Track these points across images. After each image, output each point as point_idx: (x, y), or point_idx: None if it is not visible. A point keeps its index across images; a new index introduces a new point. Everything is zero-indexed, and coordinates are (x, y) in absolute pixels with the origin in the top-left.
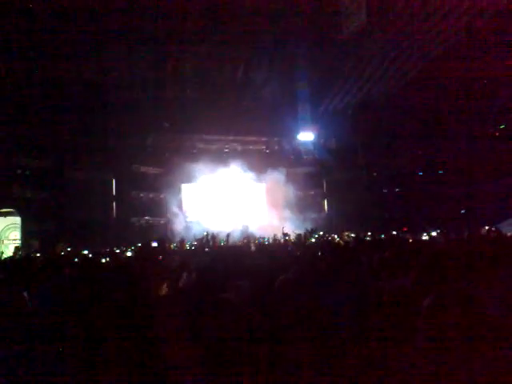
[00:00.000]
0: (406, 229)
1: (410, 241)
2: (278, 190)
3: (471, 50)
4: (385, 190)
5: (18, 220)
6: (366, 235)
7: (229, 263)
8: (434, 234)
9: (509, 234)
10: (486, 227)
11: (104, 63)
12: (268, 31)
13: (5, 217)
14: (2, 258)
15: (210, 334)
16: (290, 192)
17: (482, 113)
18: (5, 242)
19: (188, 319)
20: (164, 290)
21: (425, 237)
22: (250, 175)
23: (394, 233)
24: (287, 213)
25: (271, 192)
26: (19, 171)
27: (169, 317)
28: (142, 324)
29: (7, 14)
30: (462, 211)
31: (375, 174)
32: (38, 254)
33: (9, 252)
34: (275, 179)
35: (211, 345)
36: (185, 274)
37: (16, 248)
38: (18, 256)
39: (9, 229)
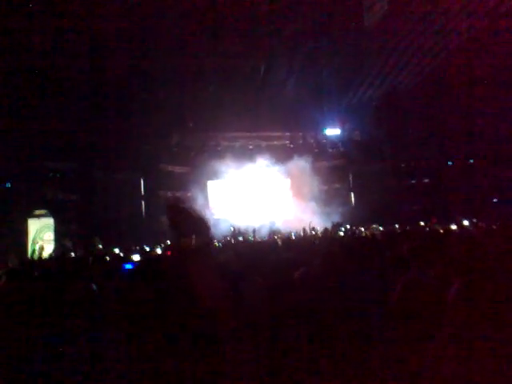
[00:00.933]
0: (435, 220)
1: (441, 231)
2: (304, 184)
3: (499, 37)
4: (413, 181)
5: (51, 221)
6: (393, 227)
7: (254, 258)
8: (465, 223)
9: None
10: None
11: (130, 65)
12: (290, 25)
13: (39, 218)
14: (37, 257)
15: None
16: (315, 186)
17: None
18: (39, 242)
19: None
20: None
21: (454, 226)
22: (274, 170)
23: (422, 223)
24: (313, 207)
25: (297, 186)
26: (51, 174)
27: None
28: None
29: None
30: (494, 200)
31: (403, 165)
32: (73, 254)
33: (44, 252)
34: (300, 173)
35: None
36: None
37: (40, 247)
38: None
39: (43, 230)
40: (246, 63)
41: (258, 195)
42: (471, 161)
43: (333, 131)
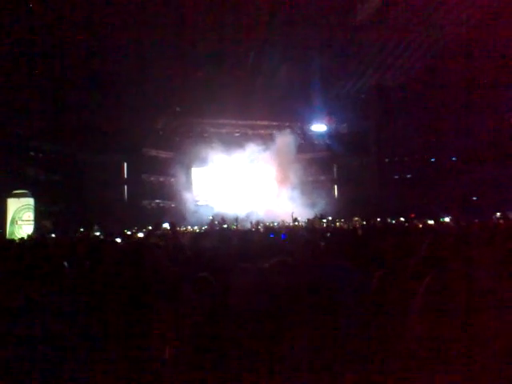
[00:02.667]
0: (413, 215)
1: (420, 226)
2: (288, 174)
3: (489, 32)
4: (396, 176)
5: (31, 201)
6: (375, 221)
7: (236, 246)
8: (446, 219)
9: None
10: (498, 214)
11: (115, 47)
12: (281, 14)
13: (19, 198)
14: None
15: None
16: (299, 176)
17: (497, 98)
18: (18, 222)
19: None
20: (172, 272)
21: (431, 222)
22: (260, 160)
23: (402, 219)
24: (297, 197)
25: (281, 176)
26: (32, 154)
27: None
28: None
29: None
30: (474, 198)
31: (387, 159)
32: (53, 235)
33: (22, 232)
34: (285, 164)
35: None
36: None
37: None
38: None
39: (22, 210)
40: (236, 50)
41: (242, 183)
42: (454, 158)
43: (319, 127)
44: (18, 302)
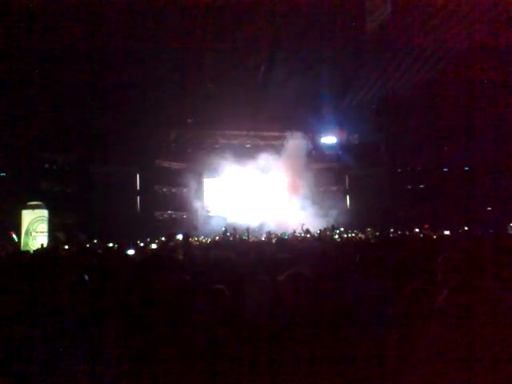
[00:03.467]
0: (427, 226)
1: (434, 237)
2: (300, 185)
3: (499, 43)
4: (408, 186)
5: (45, 213)
6: (388, 232)
7: (250, 258)
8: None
9: None
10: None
11: (129, 59)
12: (291, 27)
13: (33, 210)
14: (30, 249)
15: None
16: (311, 188)
17: (510, 110)
18: (33, 234)
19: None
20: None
21: (446, 232)
22: (271, 170)
23: (417, 230)
24: (308, 208)
25: (293, 187)
26: (47, 166)
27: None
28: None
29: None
30: (488, 208)
31: (399, 170)
32: (66, 247)
33: (36, 244)
34: (297, 174)
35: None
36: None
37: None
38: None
39: (36, 221)
40: (247, 62)
41: (253, 194)
42: (466, 168)
43: (329, 139)
44: (36, 310)
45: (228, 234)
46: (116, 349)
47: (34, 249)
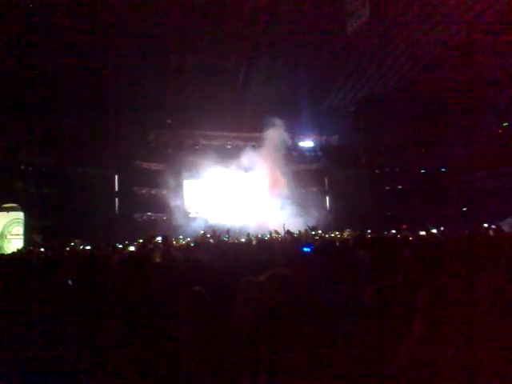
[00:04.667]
0: (405, 226)
1: (410, 238)
2: (280, 186)
3: (474, 48)
4: (387, 188)
5: (20, 215)
6: (366, 233)
7: (231, 259)
8: (434, 231)
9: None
10: (486, 225)
11: (106, 60)
12: (270, 29)
13: (8, 212)
14: (5, 253)
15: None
16: (291, 188)
17: (485, 111)
18: (8, 236)
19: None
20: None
21: (423, 233)
22: (252, 171)
23: (394, 231)
24: (288, 209)
25: (273, 188)
26: (22, 167)
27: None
28: (147, 320)
29: (8, 11)
30: (464, 209)
31: (377, 171)
32: (42, 249)
33: (11, 247)
34: (277, 176)
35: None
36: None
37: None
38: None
39: (12, 224)
40: (227, 63)
41: (233, 196)
42: (443, 169)
43: (306, 143)
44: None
45: (208, 235)
46: (100, 352)
47: (9, 252)
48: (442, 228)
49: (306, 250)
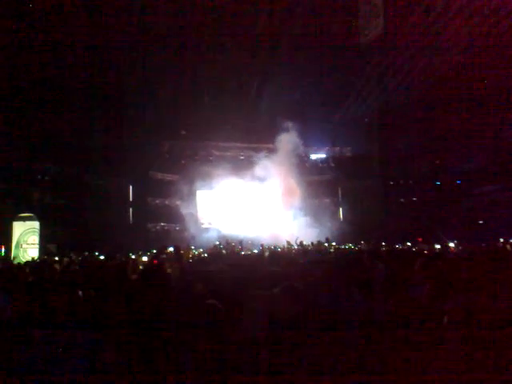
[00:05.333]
0: (420, 239)
1: (425, 252)
2: (293, 197)
3: (492, 57)
4: (401, 200)
5: (36, 225)
6: (380, 245)
7: (244, 271)
8: (451, 244)
9: None
10: (502, 239)
11: (123, 71)
12: (285, 41)
13: (24, 221)
14: (20, 262)
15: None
16: (305, 200)
17: (500, 123)
18: (23, 245)
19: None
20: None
21: (438, 246)
22: (264, 182)
23: (409, 244)
24: (301, 220)
25: (286, 200)
26: (39, 177)
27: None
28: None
29: (14, 13)
30: (480, 222)
31: (391, 182)
32: (56, 258)
33: (27, 256)
34: (290, 187)
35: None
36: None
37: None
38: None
39: (28, 233)
40: (241, 74)
41: (246, 207)
42: (458, 182)
43: (319, 154)
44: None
45: (221, 246)
46: (111, 362)
47: (25, 261)
48: (455, 241)
49: None
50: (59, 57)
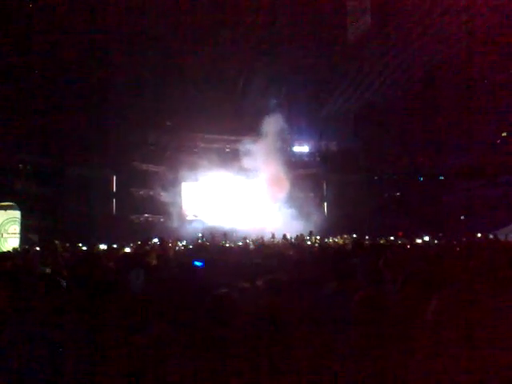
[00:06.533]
0: (401, 234)
1: (408, 246)
2: (278, 190)
3: (474, 54)
4: (385, 194)
5: (17, 214)
6: (363, 239)
7: (228, 262)
8: (426, 238)
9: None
10: (480, 234)
11: (107, 61)
12: (271, 33)
13: (5, 210)
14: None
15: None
16: (289, 193)
17: (484, 120)
18: (4, 235)
19: (187, 316)
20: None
21: (419, 240)
22: (250, 175)
23: (392, 238)
24: (286, 214)
25: (271, 193)
26: (21, 166)
27: (167, 315)
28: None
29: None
30: (462, 217)
31: (376, 177)
32: (38, 248)
33: (7, 246)
34: (276, 180)
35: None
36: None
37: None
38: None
39: (8, 222)
40: (227, 67)
41: (231, 199)
42: (441, 177)
43: (300, 148)
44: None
45: (204, 239)
46: (110, 351)
47: (5, 250)
48: (438, 236)
49: (197, 263)
50: (41, 45)
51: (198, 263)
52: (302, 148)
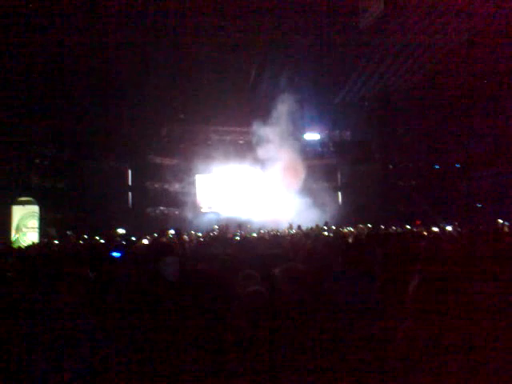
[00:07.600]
0: (418, 222)
1: (425, 233)
2: (293, 181)
3: (491, 43)
4: (400, 183)
5: (36, 209)
6: (379, 228)
7: (244, 253)
8: (448, 228)
9: None
10: (501, 221)
11: (121, 54)
12: (284, 24)
13: (23, 205)
14: (21, 246)
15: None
16: (304, 184)
17: (501, 105)
18: (23, 229)
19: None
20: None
21: (436, 229)
22: (264, 166)
23: (408, 227)
24: (300, 204)
25: (285, 184)
26: (37, 161)
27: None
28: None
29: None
30: (478, 205)
31: (390, 166)
32: (56, 242)
33: (27, 240)
34: (289, 171)
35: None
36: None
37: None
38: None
39: (27, 217)
40: (240, 58)
41: (246, 191)
42: (457, 165)
43: (312, 136)
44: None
45: (217, 231)
46: (124, 345)
47: (25, 244)
48: (455, 224)
49: (115, 254)
50: (57, 41)
51: (116, 254)
52: (314, 136)
